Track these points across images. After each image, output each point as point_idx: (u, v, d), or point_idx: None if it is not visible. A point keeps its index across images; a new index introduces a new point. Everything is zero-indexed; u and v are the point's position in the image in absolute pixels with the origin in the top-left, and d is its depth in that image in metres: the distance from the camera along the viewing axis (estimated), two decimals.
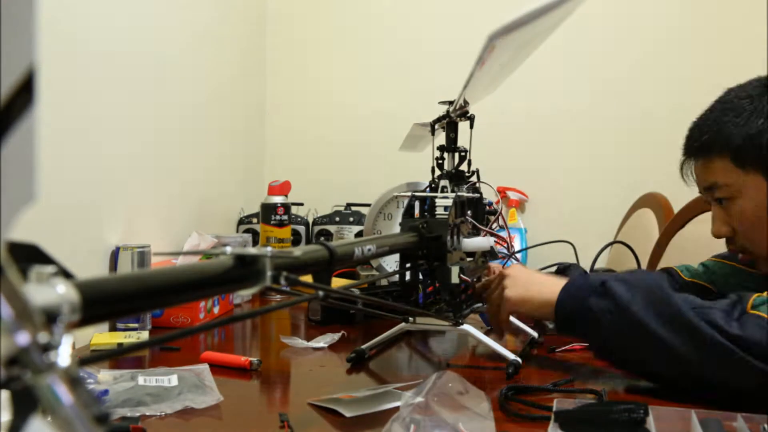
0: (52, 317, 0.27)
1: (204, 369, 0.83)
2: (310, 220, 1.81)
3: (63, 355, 0.26)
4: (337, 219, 1.75)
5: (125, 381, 0.77)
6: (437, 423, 0.61)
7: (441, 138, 1.00)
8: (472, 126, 0.99)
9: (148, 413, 0.69)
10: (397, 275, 0.93)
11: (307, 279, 0.54)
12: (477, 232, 0.99)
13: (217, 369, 0.84)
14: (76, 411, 0.25)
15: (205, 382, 0.78)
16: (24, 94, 0.25)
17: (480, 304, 1.01)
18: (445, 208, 0.89)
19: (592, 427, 0.63)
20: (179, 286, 0.40)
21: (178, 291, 0.40)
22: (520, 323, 1.02)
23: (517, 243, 1.79)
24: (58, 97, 1.01)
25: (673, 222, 1.45)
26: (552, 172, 1.97)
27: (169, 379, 0.77)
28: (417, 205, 0.92)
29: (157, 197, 1.37)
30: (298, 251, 0.51)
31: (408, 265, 0.90)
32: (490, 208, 1.04)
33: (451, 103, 0.96)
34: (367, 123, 2.03)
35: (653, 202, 1.66)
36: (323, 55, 2.07)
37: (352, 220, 1.73)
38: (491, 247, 0.98)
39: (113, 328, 1.06)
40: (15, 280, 0.25)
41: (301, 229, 1.77)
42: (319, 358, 0.96)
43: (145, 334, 1.01)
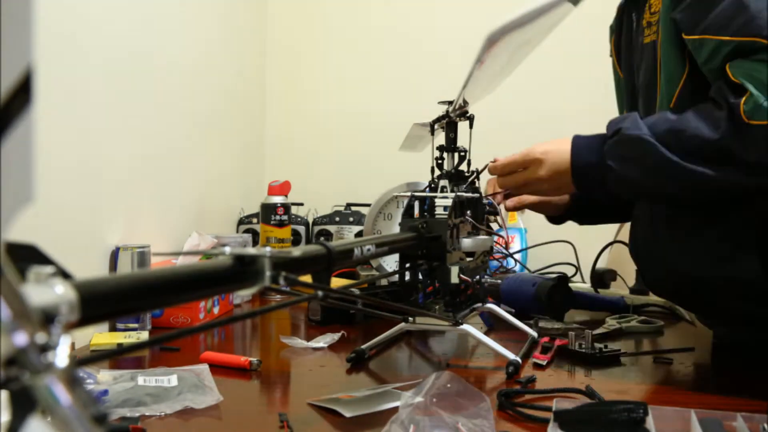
0: (50, 318, 0.27)
1: (204, 369, 0.83)
2: (310, 220, 1.81)
3: (61, 356, 0.26)
4: (337, 219, 1.75)
5: (125, 381, 0.77)
6: (436, 423, 0.61)
7: (441, 138, 1.00)
8: (471, 126, 0.99)
9: (147, 413, 0.69)
10: (397, 275, 0.93)
11: (307, 279, 0.54)
12: (476, 232, 0.99)
13: (216, 369, 0.84)
14: (75, 411, 0.25)
15: (205, 382, 0.78)
16: (22, 95, 0.25)
17: (480, 303, 1.01)
18: (445, 208, 0.89)
19: (592, 426, 0.63)
20: (178, 286, 0.40)
21: (177, 291, 0.40)
22: (518, 322, 1.03)
23: (517, 243, 1.79)
24: (58, 97, 1.01)
25: None
26: None
27: (169, 379, 0.77)
28: (416, 205, 0.92)
29: (157, 197, 1.37)
30: (297, 251, 0.51)
31: (407, 265, 0.90)
32: (490, 208, 1.03)
33: (450, 103, 0.96)
34: (367, 123, 2.03)
35: None
36: (323, 55, 2.07)
37: (352, 220, 1.73)
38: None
39: (113, 329, 1.06)
40: (13, 281, 0.25)
41: (301, 229, 1.77)
42: (319, 358, 0.96)
43: (144, 335, 1.01)
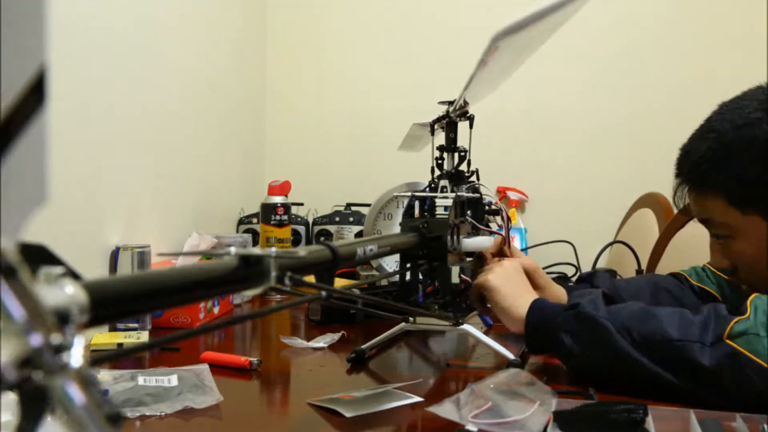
0: (63, 318, 0.27)
1: (204, 369, 0.83)
2: (310, 220, 1.81)
3: (75, 356, 0.26)
4: (337, 219, 1.75)
5: (125, 381, 0.77)
6: (489, 405, 0.64)
7: (440, 138, 1.00)
8: (471, 126, 0.99)
9: (148, 413, 0.69)
10: (398, 275, 0.93)
11: (309, 279, 0.54)
12: (475, 232, 0.99)
13: (217, 369, 0.84)
14: (89, 411, 0.25)
15: (205, 382, 0.78)
16: (35, 95, 0.25)
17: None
18: (445, 208, 0.89)
19: (591, 427, 0.63)
20: (185, 286, 0.40)
21: (184, 291, 0.41)
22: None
23: (517, 243, 1.79)
24: (57, 97, 1.01)
25: (673, 222, 1.45)
26: (552, 172, 1.97)
27: (169, 379, 0.77)
28: (417, 205, 0.92)
29: (157, 197, 1.37)
30: (302, 251, 0.52)
31: (408, 265, 0.90)
32: (490, 207, 1.03)
33: (450, 103, 0.96)
34: (368, 123, 2.03)
35: (653, 202, 1.66)
36: (323, 55, 2.08)
37: (352, 220, 1.73)
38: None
39: (113, 329, 1.06)
40: (27, 282, 0.25)
41: (301, 229, 1.77)
42: (319, 358, 0.96)
43: (145, 335, 1.01)
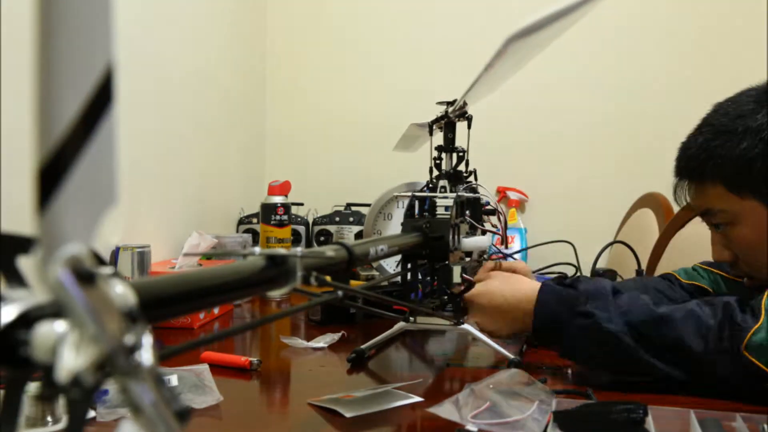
0: (133, 318, 0.27)
1: (204, 369, 0.83)
2: (310, 220, 1.81)
3: (146, 355, 0.26)
4: (337, 219, 1.76)
5: None
6: (488, 405, 0.64)
7: (439, 138, 1.00)
8: (470, 126, 0.99)
9: None
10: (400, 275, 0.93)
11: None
12: (474, 232, 0.99)
13: (217, 369, 0.84)
14: (160, 408, 0.25)
15: (205, 382, 0.78)
16: (103, 95, 0.24)
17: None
18: (446, 208, 0.89)
19: (591, 427, 0.63)
20: (221, 286, 0.41)
21: (220, 292, 0.41)
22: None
23: (517, 243, 1.80)
24: None
25: (673, 222, 1.46)
26: (552, 172, 1.97)
27: (169, 379, 0.77)
28: (417, 205, 0.93)
29: (157, 197, 1.38)
30: (329, 251, 0.52)
31: (409, 265, 0.90)
32: (485, 207, 1.04)
33: (449, 103, 0.96)
34: (367, 123, 2.03)
35: (653, 202, 1.66)
36: (323, 55, 2.08)
37: (352, 220, 1.74)
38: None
39: None
40: (104, 286, 0.25)
41: (301, 229, 1.77)
42: (319, 358, 0.96)
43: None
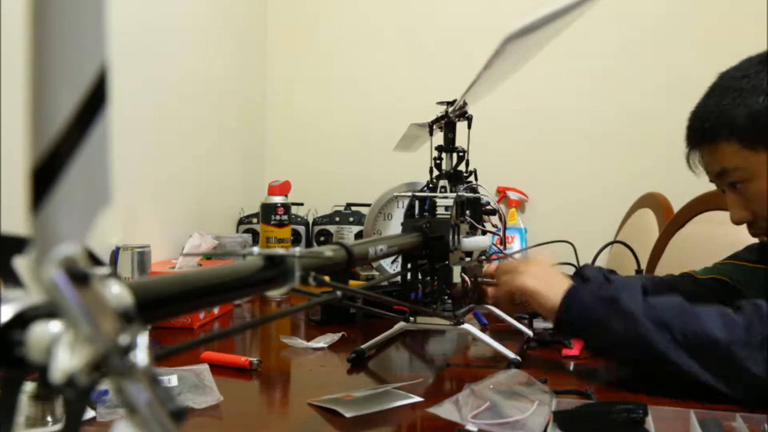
0: (128, 318, 0.27)
1: (204, 369, 0.82)
2: (310, 220, 1.81)
3: (141, 355, 0.26)
4: (337, 219, 1.75)
5: None
6: (487, 405, 0.64)
7: (439, 138, 1.00)
8: (470, 126, 0.99)
9: None
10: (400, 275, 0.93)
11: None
12: (473, 232, 0.99)
13: (217, 369, 0.84)
14: (156, 409, 0.25)
15: (205, 382, 0.78)
16: (97, 96, 0.24)
17: (477, 303, 1.01)
18: (446, 208, 0.89)
19: (591, 427, 0.63)
20: (220, 286, 0.41)
21: (219, 291, 0.41)
22: (514, 321, 1.03)
23: (517, 243, 1.79)
24: None
25: (673, 222, 1.45)
26: (552, 172, 1.97)
27: (169, 379, 0.77)
28: (417, 205, 0.93)
29: (157, 197, 1.38)
30: (328, 251, 0.52)
31: (409, 265, 0.90)
32: (486, 207, 1.04)
33: (449, 103, 0.96)
34: (367, 123, 2.03)
35: (653, 202, 1.66)
36: (323, 55, 2.08)
37: (352, 220, 1.74)
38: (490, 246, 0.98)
39: None
40: (98, 287, 0.25)
41: (301, 229, 1.77)
42: (319, 358, 0.96)
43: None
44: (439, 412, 0.66)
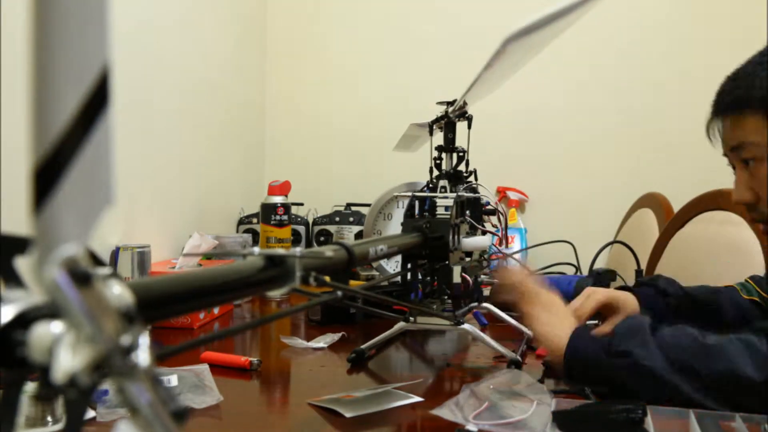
0: (129, 318, 0.27)
1: (204, 369, 0.83)
2: (310, 220, 1.81)
3: (143, 356, 0.26)
4: (337, 219, 1.75)
5: None
6: (486, 405, 0.64)
7: (439, 138, 1.00)
8: (470, 126, 0.99)
9: None
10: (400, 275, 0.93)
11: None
12: (474, 232, 0.99)
13: (217, 369, 0.84)
14: (157, 409, 0.25)
15: (205, 382, 0.78)
16: (99, 96, 0.24)
17: (477, 303, 1.01)
18: (446, 208, 0.89)
19: (591, 427, 0.63)
20: (221, 286, 0.41)
21: (220, 292, 0.41)
22: (514, 321, 1.03)
23: (517, 243, 1.79)
24: None
25: (673, 222, 1.45)
26: (552, 172, 1.97)
27: (169, 379, 0.77)
28: (417, 205, 0.93)
29: (157, 197, 1.38)
30: (329, 252, 0.52)
31: (410, 265, 0.90)
32: (485, 207, 1.04)
33: (449, 103, 0.96)
34: (368, 123, 2.03)
35: (653, 202, 1.66)
36: (323, 55, 2.08)
37: (352, 220, 1.74)
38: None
39: None
40: (100, 287, 0.25)
41: (301, 229, 1.77)
42: (319, 358, 0.96)
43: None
44: (440, 412, 0.66)
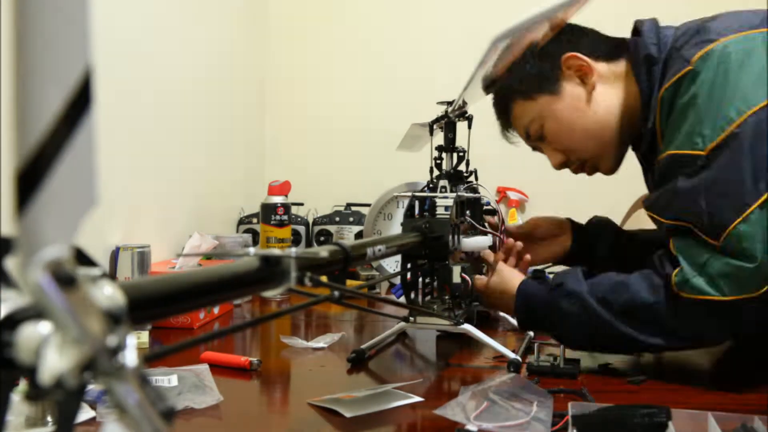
0: (116, 319, 0.27)
1: (204, 369, 0.82)
2: (310, 220, 1.81)
3: (130, 356, 0.26)
4: (337, 219, 1.75)
5: None
6: (486, 405, 0.65)
7: (439, 138, 0.99)
8: (470, 126, 0.99)
9: None
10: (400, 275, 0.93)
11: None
12: (473, 232, 0.99)
13: (217, 369, 0.84)
14: (145, 409, 0.25)
15: (205, 382, 0.78)
16: (82, 97, 0.24)
17: (477, 303, 1.01)
18: (446, 208, 0.89)
19: (612, 431, 0.62)
20: (215, 286, 0.41)
21: (214, 291, 0.41)
22: (514, 321, 1.03)
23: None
24: None
25: None
26: (552, 172, 1.96)
27: (169, 379, 0.77)
28: (417, 205, 0.93)
29: (157, 197, 1.37)
30: (324, 252, 0.52)
31: (409, 265, 0.90)
32: (485, 207, 1.04)
33: (449, 103, 0.96)
34: (368, 123, 2.03)
35: None
36: (323, 54, 2.07)
37: (352, 220, 1.73)
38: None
39: None
40: (86, 289, 0.25)
41: (301, 229, 1.77)
42: (319, 358, 0.96)
43: (144, 334, 1.01)
44: (442, 413, 0.66)
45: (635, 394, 0.79)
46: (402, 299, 0.96)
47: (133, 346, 0.26)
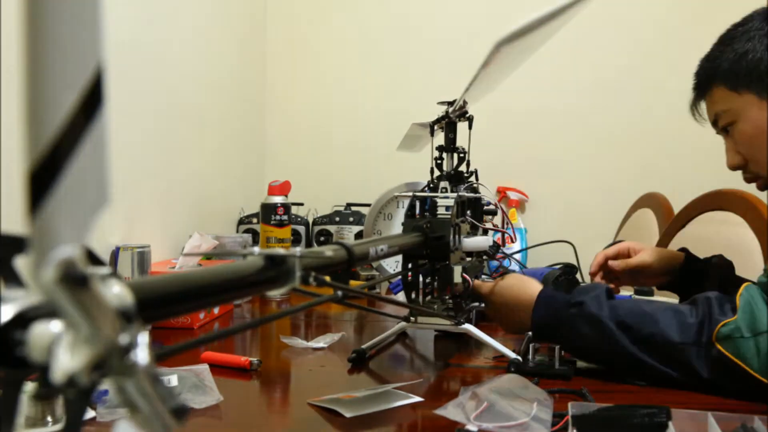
0: (128, 317, 0.27)
1: (204, 369, 0.82)
2: (310, 220, 1.81)
3: (142, 354, 0.26)
4: (337, 219, 1.75)
5: None
6: (486, 405, 0.65)
7: (440, 138, 1.00)
8: (471, 126, 0.99)
9: None
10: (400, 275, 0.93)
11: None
12: (474, 232, 0.99)
13: (217, 369, 0.84)
14: (157, 407, 0.25)
15: (205, 382, 0.78)
16: (94, 96, 0.24)
17: (478, 303, 1.01)
18: (447, 208, 0.89)
19: (612, 431, 0.62)
20: (221, 286, 0.41)
21: (219, 291, 0.41)
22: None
23: (517, 243, 1.79)
24: None
25: (674, 222, 1.45)
26: (552, 172, 1.97)
27: (169, 379, 0.77)
28: (417, 205, 0.93)
29: (157, 197, 1.37)
30: (328, 251, 0.52)
31: (410, 265, 0.90)
32: (487, 207, 1.04)
33: (450, 103, 0.96)
34: (368, 123, 2.03)
35: (653, 202, 1.66)
36: (323, 55, 2.08)
37: (352, 220, 1.73)
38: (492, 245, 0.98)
39: None
40: (98, 288, 0.25)
41: (301, 229, 1.77)
42: (319, 358, 0.96)
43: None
44: (443, 413, 0.66)
45: (635, 394, 0.79)
46: (402, 298, 0.96)
47: (144, 344, 0.26)
